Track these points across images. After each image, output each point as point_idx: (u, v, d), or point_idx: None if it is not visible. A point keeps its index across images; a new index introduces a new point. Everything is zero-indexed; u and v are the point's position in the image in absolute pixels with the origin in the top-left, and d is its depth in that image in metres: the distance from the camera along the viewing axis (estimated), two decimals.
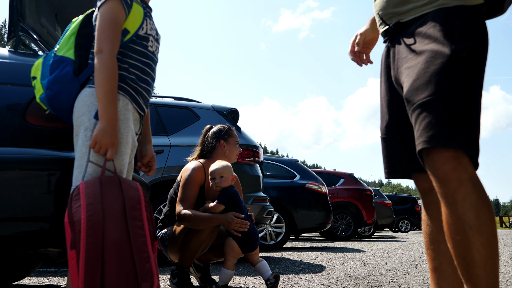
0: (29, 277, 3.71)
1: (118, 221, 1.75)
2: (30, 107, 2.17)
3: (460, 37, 1.54)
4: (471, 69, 1.52)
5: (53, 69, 1.97)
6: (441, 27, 1.57)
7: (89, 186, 1.77)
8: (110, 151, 1.81)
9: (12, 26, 2.70)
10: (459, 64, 1.51)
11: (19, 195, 2.08)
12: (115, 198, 1.78)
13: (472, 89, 1.51)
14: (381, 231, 20.13)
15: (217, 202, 2.83)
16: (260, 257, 2.95)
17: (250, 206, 4.96)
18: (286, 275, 3.82)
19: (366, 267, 4.50)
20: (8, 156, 2.09)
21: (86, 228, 1.69)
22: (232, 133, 3.17)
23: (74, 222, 1.71)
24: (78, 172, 1.85)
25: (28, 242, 2.20)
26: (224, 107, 5.14)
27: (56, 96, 1.95)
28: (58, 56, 1.99)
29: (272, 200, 7.05)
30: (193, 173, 2.97)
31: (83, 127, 1.87)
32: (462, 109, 1.48)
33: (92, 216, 1.70)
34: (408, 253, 6.49)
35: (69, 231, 1.73)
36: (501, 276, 3.85)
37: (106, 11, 1.92)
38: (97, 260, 1.67)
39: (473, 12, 1.59)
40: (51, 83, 1.96)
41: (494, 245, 1.44)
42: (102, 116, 1.81)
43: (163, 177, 4.47)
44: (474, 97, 1.51)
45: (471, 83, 1.51)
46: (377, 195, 14.03)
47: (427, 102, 1.51)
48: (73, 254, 1.68)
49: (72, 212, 1.73)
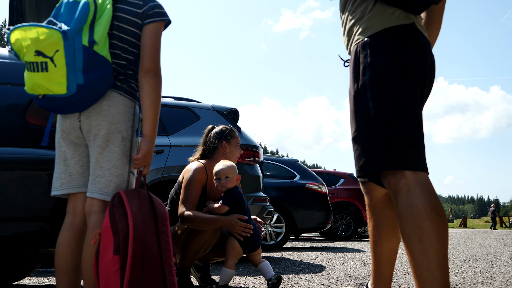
0: (29, 277, 3.71)
1: (153, 234, 1.85)
2: (30, 107, 2.17)
3: (363, 73, 1.75)
4: (380, 99, 1.71)
5: (91, 68, 1.78)
6: (353, 66, 1.82)
7: (130, 196, 1.84)
8: (147, 167, 1.92)
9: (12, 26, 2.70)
10: (365, 99, 1.74)
11: (19, 195, 2.08)
12: (149, 212, 1.87)
13: (388, 114, 1.69)
14: None
15: (222, 203, 2.83)
16: (262, 257, 2.95)
17: (250, 206, 4.95)
18: (286, 275, 3.82)
19: (366, 267, 4.50)
20: (8, 156, 2.09)
21: (133, 236, 1.76)
22: (234, 134, 3.17)
23: (119, 229, 1.77)
24: (120, 181, 1.89)
25: (28, 242, 2.20)
26: (224, 107, 5.14)
27: (86, 101, 1.82)
28: (101, 55, 1.80)
29: (272, 200, 7.04)
30: (195, 174, 2.97)
31: (120, 136, 1.88)
32: (378, 137, 1.70)
33: (137, 226, 1.79)
34: None
35: (110, 236, 1.78)
36: (501, 276, 3.86)
37: (158, 32, 1.93)
38: (140, 268, 1.76)
39: (381, 39, 1.74)
40: (89, 90, 1.78)
41: (434, 248, 1.58)
42: (151, 136, 1.88)
43: (163, 177, 4.46)
44: (394, 119, 1.69)
45: (386, 109, 1.70)
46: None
47: (353, 137, 1.82)
48: (117, 259, 1.75)
49: (116, 219, 1.79)
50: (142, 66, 1.89)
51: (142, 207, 1.84)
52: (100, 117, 1.86)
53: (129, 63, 1.93)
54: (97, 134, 1.86)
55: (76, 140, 1.92)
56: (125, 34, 1.90)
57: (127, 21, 1.90)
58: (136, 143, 1.94)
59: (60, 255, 1.90)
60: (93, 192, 1.87)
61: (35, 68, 1.73)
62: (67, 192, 1.93)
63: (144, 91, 1.87)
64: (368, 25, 1.78)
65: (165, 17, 1.94)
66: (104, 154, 1.86)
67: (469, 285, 3.31)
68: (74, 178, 1.93)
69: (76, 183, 1.93)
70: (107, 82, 1.83)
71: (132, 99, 1.94)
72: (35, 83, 1.76)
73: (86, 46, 1.75)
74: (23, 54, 1.75)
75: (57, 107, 1.83)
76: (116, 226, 1.78)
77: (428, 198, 1.63)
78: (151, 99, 1.87)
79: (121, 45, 1.90)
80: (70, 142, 1.92)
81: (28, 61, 1.74)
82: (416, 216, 1.61)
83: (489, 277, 3.75)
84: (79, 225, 1.93)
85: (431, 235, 1.58)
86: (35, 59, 1.72)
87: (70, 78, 1.74)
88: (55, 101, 1.80)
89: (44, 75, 1.73)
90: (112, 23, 1.87)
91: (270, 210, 5.37)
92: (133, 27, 1.91)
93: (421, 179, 1.66)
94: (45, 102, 1.82)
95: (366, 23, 1.79)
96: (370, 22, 1.78)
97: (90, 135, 1.88)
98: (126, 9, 1.91)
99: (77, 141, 1.92)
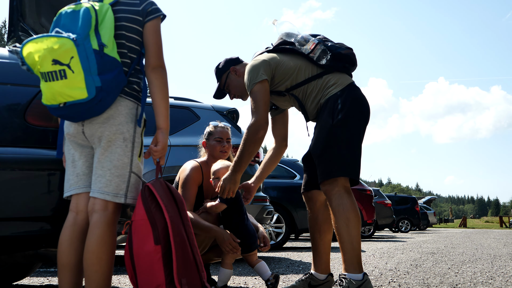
0: (29, 277, 3.71)
1: (179, 220, 2.01)
2: (30, 107, 2.17)
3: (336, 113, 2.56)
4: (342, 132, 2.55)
5: (105, 70, 1.82)
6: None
7: (159, 189, 1.99)
8: (163, 158, 2.04)
9: (12, 26, 2.70)
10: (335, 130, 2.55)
11: (19, 195, 2.08)
12: (171, 199, 2.04)
13: (339, 141, 2.53)
14: (381, 231, 20.11)
15: (219, 201, 2.83)
16: (260, 257, 2.95)
17: (250, 206, 4.96)
18: (286, 275, 3.82)
19: (366, 267, 4.50)
20: (8, 156, 2.09)
21: (172, 226, 1.94)
22: (213, 130, 3.15)
23: (156, 220, 1.93)
24: (121, 181, 1.91)
25: (28, 242, 2.20)
26: (224, 107, 5.14)
27: (106, 102, 1.86)
28: (111, 57, 1.84)
29: (272, 200, 7.04)
30: (191, 173, 3.00)
31: (122, 137, 1.91)
32: (331, 157, 2.53)
33: (172, 217, 1.96)
34: (408, 253, 6.49)
35: (148, 228, 1.92)
36: (501, 276, 3.86)
37: (159, 28, 2.00)
38: (181, 255, 1.95)
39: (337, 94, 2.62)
40: (108, 91, 1.83)
41: (355, 231, 2.48)
42: (166, 128, 1.98)
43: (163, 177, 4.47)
44: (340, 144, 2.53)
45: (343, 140, 2.54)
46: (377, 195, 14.01)
47: (317, 155, 2.59)
48: (158, 249, 1.91)
49: (152, 211, 1.93)
50: (149, 63, 1.97)
51: (167, 196, 2.01)
52: (102, 120, 1.89)
53: (132, 62, 1.98)
54: (100, 137, 1.90)
55: (82, 142, 1.96)
56: (131, 33, 1.95)
57: (130, 19, 1.95)
58: (138, 144, 1.97)
59: (62, 253, 1.92)
60: (94, 191, 1.90)
61: (54, 77, 1.76)
62: (74, 193, 1.97)
63: (154, 86, 1.96)
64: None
65: (162, 12, 2.02)
66: (105, 155, 1.90)
67: (469, 285, 3.31)
68: (80, 178, 1.97)
69: (82, 183, 1.96)
70: (121, 82, 1.90)
71: (133, 101, 1.97)
72: (55, 92, 1.79)
73: (97, 50, 1.79)
74: (38, 65, 1.77)
75: (78, 113, 1.85)
76: (153, 218, 1.92)
77: (352, 199, 2.52)
78: (162, 93, 1.97)
79: (128, 44, 1.95)
80: (76, 144, 1.97)
81: (46, 71, 1.77)
82: (346, 211, 2.47)
83: (489, 277, 3.75)
84: (81, 224, 1.95)
85: (354, 223, 2.48)
86: (52, 68, 1.75)
87: (89, 82, 1.78)
88: (76, 108, 1.82)
89: (63, 82, 1.76)
90: (115, 24, 1.91)
91: (270, 210, 5.37)
92: (136, 25, 1.96)
93: (343, 186, 2.52)
94: (65, 110, 1.84)
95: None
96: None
97: (94, 138, 1.91)
98: (125, 9, 1.96)
99: (83, 143, 1.96)
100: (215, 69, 2.92)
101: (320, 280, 2.75)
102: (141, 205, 1.93)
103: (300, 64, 2.65)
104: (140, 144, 1.99)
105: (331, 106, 2.57)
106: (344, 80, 2.66)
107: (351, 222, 2.46)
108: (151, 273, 1.90)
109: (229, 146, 3.15)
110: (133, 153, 1.94)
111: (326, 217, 2.75)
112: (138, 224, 1.92)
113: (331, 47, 2.67)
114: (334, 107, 2.55)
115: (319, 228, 2.75)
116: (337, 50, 2.66)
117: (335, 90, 2.60)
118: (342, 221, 2.46)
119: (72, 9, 1.86)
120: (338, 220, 2.47)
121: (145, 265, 1.90)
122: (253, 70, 2.61)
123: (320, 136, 2.57)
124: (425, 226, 24.60)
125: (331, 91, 2.61)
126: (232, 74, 2.85)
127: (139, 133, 1.98)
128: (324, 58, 2.63)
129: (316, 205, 2.77)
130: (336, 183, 2.50)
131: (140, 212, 1.93)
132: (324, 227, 2.75)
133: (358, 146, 2.60)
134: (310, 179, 2.77)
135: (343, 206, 2.47)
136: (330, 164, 2.52)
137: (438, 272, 4.10)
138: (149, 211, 1.92)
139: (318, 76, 2.64)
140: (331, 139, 2.53)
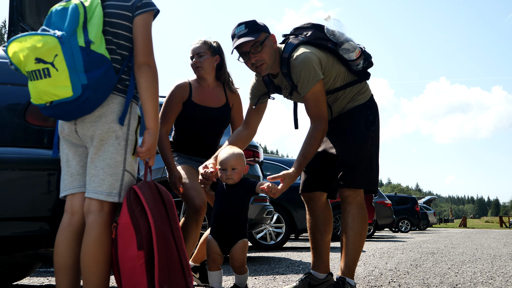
0: (29, 277, 3.71)
1: (167, 223, 1.94)
2: (30, 107, 2.17)
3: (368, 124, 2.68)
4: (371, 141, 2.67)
5: (92, 67, 1.77)
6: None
7: (145, 192, 1.90)
8: (152, 159, 1.96)
9: (12, 26, 2.70)
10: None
11: (19, 195, 2.08)
12: (160, 201, 1.96)
13: (370, 153, 2.64)
14: (381, 231, 20.09)
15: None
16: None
17: (250, 206, 4.95)
18: (286, 275, 3.82)
19: (366, 267, 4.50)
20: (8, 156, 2.09)
21: (155, 232, 1.86)
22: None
23: (140, 225, 1.85)
24: (114, 180, 1.88)
25: (28, 242, 2.20)
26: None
27: (94, 101, 1.81)
28: (98, 53, 1.80)
29: (272, 200, 7.04)
30: (172, 91, 2.95)
31: (114, 135, 1.87)
32: (359, 169, 2.61)
33: (156, 221, 1.88)
34: (408, 253, 6.49)
35: (131, 232, 1.85)
36: (501, 276, 3.86)
37: (148, 23, 1.93)
38: (165, 260, 1.87)
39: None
40: (94, 88, 1.78)
41: (363, 241, 2.66)
42: (154, 129, 1.90)
43: (163, 177, 4.46)
44: (371, 156, 2.65)
45: (373, 153, 2.66)
46: (377, 195, 14.02)
47: (347, 162, 2.61)
48: (142, 254, 1.84)
49: (136, 216, 1.86)
50: (136, 60, 1.90)
51: (154, 199, 1.92)
52: (94, 119, 1.86)
53: (124, 59, 1.93)
54: (93, 136, 1.87)
55: (76, 141, 1.93)
56: (118, 29, 1.91)
57: (119, 15, 1.90)
58: (132, 142, 1.93)
59: (59, 255, 1.90)
60: (89, 192, 1.88)
61: (37, 76, 1.73)
62: (69, 193, 1.94)
63: (140, 85, 1.90)
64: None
65: (154, 7, 1.95)
66: (98, 154, 1.87)
67: (469, 285, 3.31)
68: (75, 178, 1.94)
69: (76, 183, 1.94)
70: (110, 79, 1.84)
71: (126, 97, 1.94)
72: (40, 91, 1.76)
73: (83, 47, 1.76)
74: (23, 65, 1.75)
75: (66, 112, 1.82)
76: (137, 222, 1.85)
77: (362, 211, 2.65)
78: (148, 92, 1.89)
79: (116, 40, 1.90)
80: (70, 143, 1.94)
81: (30, 70, 1.75)
82: (363, 222, 2.63)
83: (489, 277, 3.75)
84: (77, 225, 1.93)
85: (365, 234, 2.68)
86: (36, 67, 1.72)
87: (74, 80, 1.73)
88: (63, 107, 1.79)
89: (48, 81, 1.73)
90: (104, 20, 1.86)
91: (270, 210, 5.37)
92: (125, 21, 1.91)
93: (361, 198, 2.67)
94: (53, 110, 1.82)
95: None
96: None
97: (86, 137, 1.89)
98: (114, 4, 1.91)
99: (77, 142, 1.94)
100: (252, 21, 2.51)
101: (320, 279, 2.81)
102: (126, 209, 1.87)
103: (340, 71, 2.64)
104: (135, 141, 1.94)
105: (364, 116, 2.65)
106: (369, 88, 2.76)
107: (365, 232, 2.64)
108: (134, 278, 1.85)
109: (202, 60, 2.93)
110: (126, 151, 1.90)
111: (328, 217, 2.83)
112: (122, 228, 1.86)
113: (368, 56, 2.67)
114: (367, 117, 2.65)
115: (320, 228, 2.81)
116: (370, 59, 2.69)
117: (363, 100, 2.69)
118: (357, 230, 2.59)
119: (62, 6, 1.83)
120: (353, 228, 2.59)
121: (129, 269, 1.85)
122: (312, 66, 2.47)
123: (355, 144, 2.61)
124: (425, 226, 24.58)
125: (360, 99, 2.68)
126: (271, 40, 2.56)
127: (133, 130, 1.93)
128: (362, 68, 2.66)
129: (318, 205, 2.81)
130: (359, 192, 2.63)
131: (124, 216, 1.87)
132: (325, 228, 2.82)
133: (378, 159, 2.74)
134: (312, 180, 2.78)
135: (362, 217, 2.61)
136: (361, 176, 2.61)
137: (438, 272, 4.10)
138: (133, 215, 1.86)
139: (352, 84, 2.69)
140: (365, 150, 2.62)
